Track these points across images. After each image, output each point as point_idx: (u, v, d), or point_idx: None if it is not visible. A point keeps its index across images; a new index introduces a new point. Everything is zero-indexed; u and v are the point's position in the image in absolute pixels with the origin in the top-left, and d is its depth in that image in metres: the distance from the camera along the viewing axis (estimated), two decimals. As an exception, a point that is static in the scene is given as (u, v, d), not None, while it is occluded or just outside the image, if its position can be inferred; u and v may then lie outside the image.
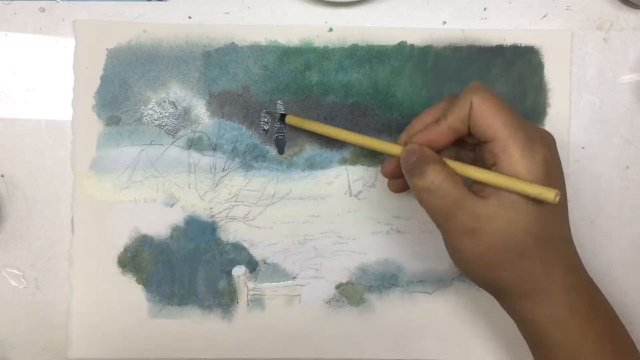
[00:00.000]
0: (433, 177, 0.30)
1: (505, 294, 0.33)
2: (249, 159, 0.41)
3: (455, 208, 0.30)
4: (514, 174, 0.29)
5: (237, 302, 0.41)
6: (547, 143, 0.31)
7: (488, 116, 0.30)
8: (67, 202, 0.41)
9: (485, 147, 0.31)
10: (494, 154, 0.30)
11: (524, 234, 0.30)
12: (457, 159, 0.32)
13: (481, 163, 0.32)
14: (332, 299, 0.41)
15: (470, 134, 0.32)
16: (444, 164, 0.31)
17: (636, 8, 0.42)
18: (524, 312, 0.32)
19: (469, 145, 0.34)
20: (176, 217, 0.41)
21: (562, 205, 0.31)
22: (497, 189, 0.30)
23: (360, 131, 0.39)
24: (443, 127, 0.32)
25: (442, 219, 0.31)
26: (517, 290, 0.32)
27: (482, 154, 0.32)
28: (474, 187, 0.31)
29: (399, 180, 0.36)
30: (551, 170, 0.30)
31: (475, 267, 0.31)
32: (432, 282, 0.41)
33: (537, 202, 0.29)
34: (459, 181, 0.30)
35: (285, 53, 0.41)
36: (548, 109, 0.41)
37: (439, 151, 0.32)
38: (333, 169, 0.41)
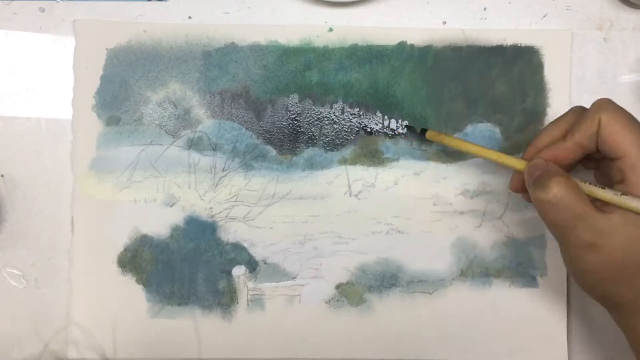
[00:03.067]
0: (556, 190, 0.30)
1: (620, 309, 0.33)
2: (249, 159, 0.41)
3: (576, 221, 0.30)
4: None
5: (237, 302, 0.41)
6: None
7: (617, 133, 0.30)
8: (67, 202, 0.41)
9: (612, 164, 0.31)
10: (622, 172, 0.30)
11: None
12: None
13: (605, 179, 0.32)
14: (332, 299, 0.41)
15: (596, 151, 0.32)
16: (568, 178, 0.31)
17: (636, 8, 0.42)
18: (637, 328, 0.32)
19: (591, 162, 0.35)
20: (176, 217, 0.41)
21: None
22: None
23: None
24: (570, 144, 0.32)
25: (561, 233, 0.31)
26: (633, 306, 0.32)
27: (608, 171, 0.32)
28: (596, 202, 0.31)
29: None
30: None
31: (592, 281, 0.32)
32: (432, 282, 0.41)
33: None
34: (581, 195, 0.30)
35: (285, 53, 0.41)
36: (548, 109, 0.41)
37: (567, 170, 0.33)
38: (333, 169, 0.41)
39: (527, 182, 0.33)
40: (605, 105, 0.31)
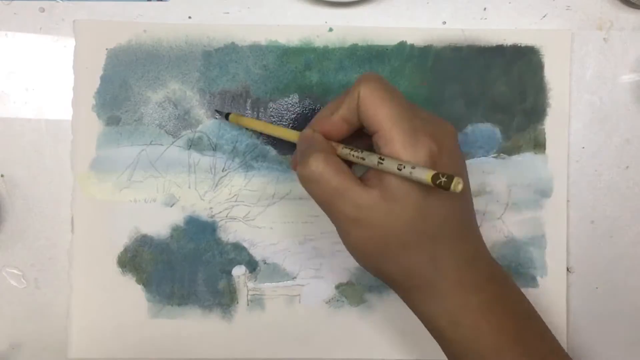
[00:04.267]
0: (314, 167, 0.29)
1: (395, 286, 0.32)
2: (249, 159, 0.41)
3: (335, 197, 0.29)
4: None
5: (237, 302, 0.41)
6: (439, 135, 0.30)
7: (373, 107, 0.29)
8: (67, 202, 0.41)
9: (373, 139, 0.30)
10: (378, 147, 0.29)
11: (405, 227, 0.29)
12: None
13: None
14: (332, 299, 0.41)
15: (362, 126, 0.31)
16: (328, 152, 0.30)
17: (636, 8, 0.42)
18: (415, 306, 0.32)
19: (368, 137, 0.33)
20: (176, 217, 0.41)
21: (459, 197, 0.29)
22: (382, 179, 0.29)
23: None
24: (335, 118, 0.31)
25: (325, 208, 0.31)
26: (406, 284, 0.31)
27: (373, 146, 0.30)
28: (367, 174, 0.30)
29: None
30: (438, 164, 0.29)
31: (362, 256, 0.31)
32: (432, 282, 0.41)
33: (423, 194, 0.29)
34: (341, 170, 0.29)
35: (285, 53, 0.41)
36: (548, 109, 0.41)
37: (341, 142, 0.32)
38: (333, 169, 0.41)
39: (298, 155, 0.32)
40: (366, 78, 0.30)
